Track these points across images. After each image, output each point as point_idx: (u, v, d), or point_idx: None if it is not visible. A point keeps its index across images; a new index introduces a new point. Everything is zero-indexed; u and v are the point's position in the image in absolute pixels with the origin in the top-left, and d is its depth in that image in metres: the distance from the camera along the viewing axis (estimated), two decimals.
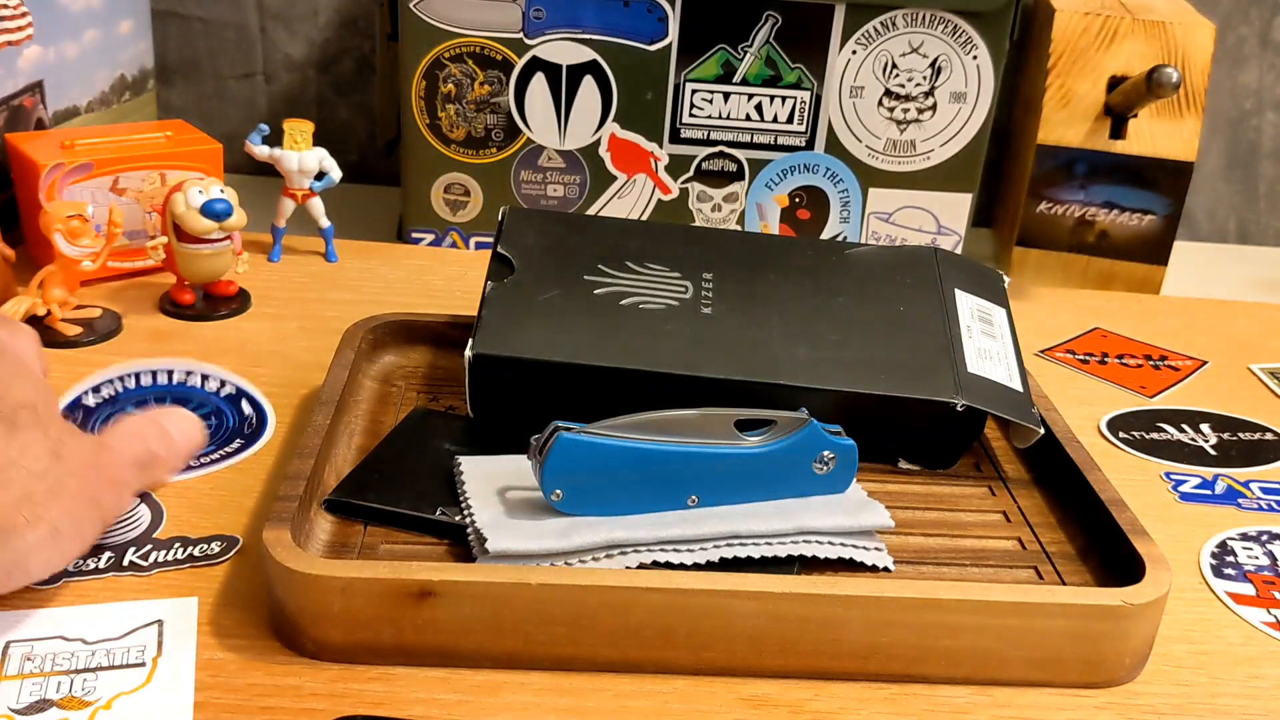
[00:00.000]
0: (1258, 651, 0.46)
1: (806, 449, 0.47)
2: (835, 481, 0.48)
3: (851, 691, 0.42)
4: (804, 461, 0.47)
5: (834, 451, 0.48)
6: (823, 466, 0.48)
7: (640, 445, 0.45)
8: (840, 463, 0.48)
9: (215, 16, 0.93)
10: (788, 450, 0.47)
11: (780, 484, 0.47)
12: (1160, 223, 0.84)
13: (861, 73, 0.79)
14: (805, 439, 0.47)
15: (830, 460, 0.48)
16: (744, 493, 0.47)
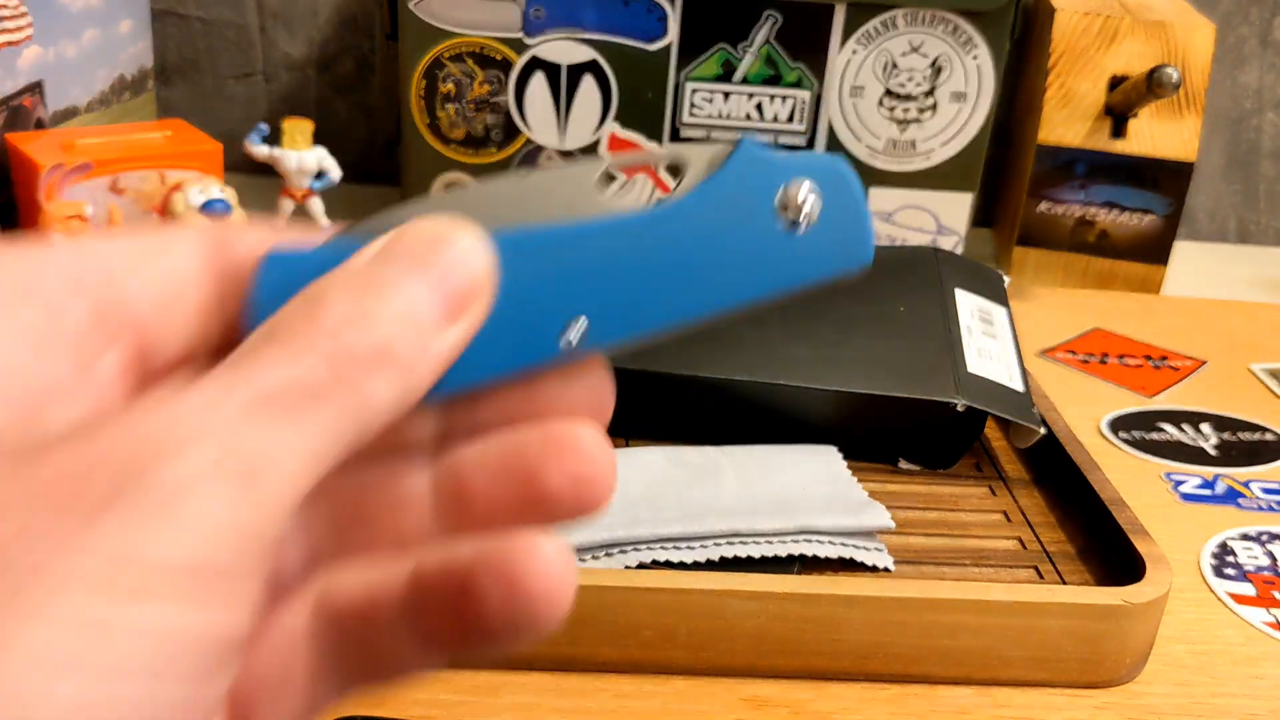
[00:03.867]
0: (1258, 651, 0.46)
1: (747, 193, 0.25)
2: (830, 237, 0.25)
3: (852, 691, 0.42)
4: (754, 218, 0.25)
5: (808, 178, 0.24)
6: (793, 214, 0.24)
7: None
8: (829, 200, 0.25)
9: (215, 16, 0.93)
10: (710, 203, 0.25)
11: (727, 268, 0.25)
12: (1160, 223, 0.84)
13: (862, 72, 0.79)
14: (737, 176, 0.25)
15: (806, 200, 0.24)
16: (665, 293, 0.25)
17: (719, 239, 0.25)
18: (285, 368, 0.19)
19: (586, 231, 0.25)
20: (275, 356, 0.19)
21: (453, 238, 0.22)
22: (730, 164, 0.25)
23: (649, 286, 0.25)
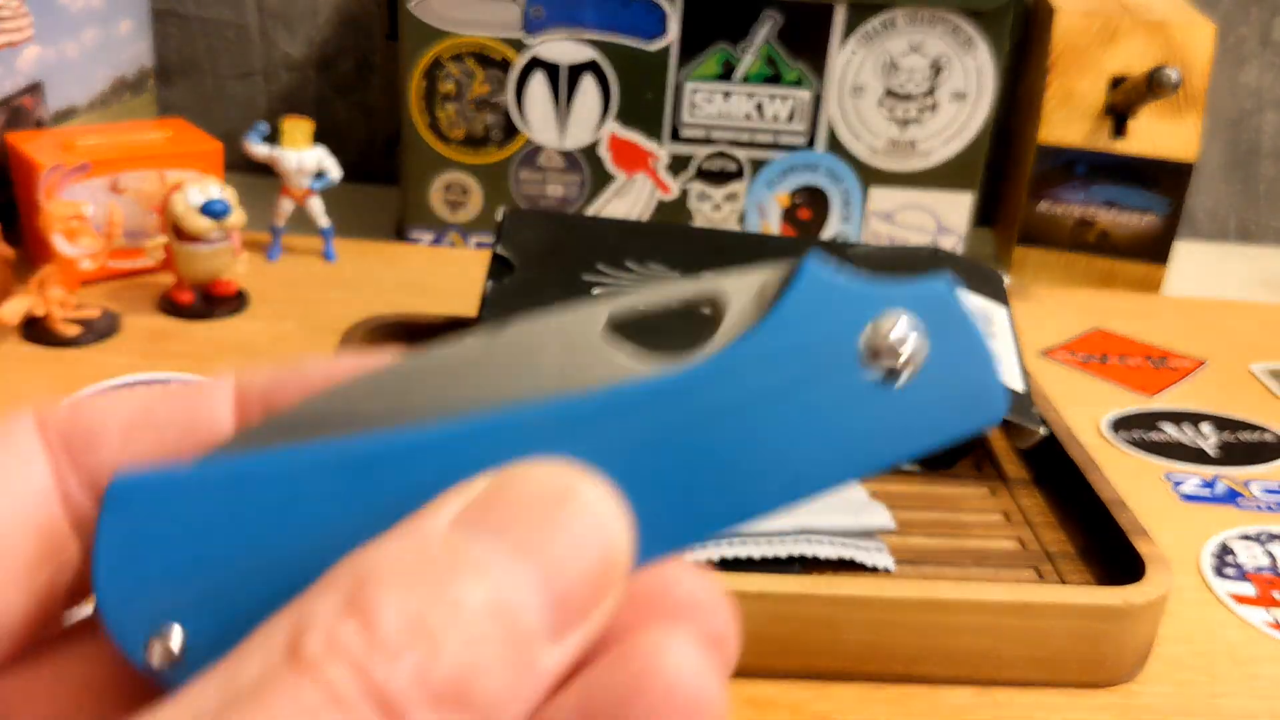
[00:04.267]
0: (1258, 651, 0.46)
1: (819, 335, 0.18)
2: (941, 388, 0.18)
3: (852, 692, 0.42)
4: (832, 370, 0.18)
5: (904, 308, 0.18)
6: (888, 360, 0.18)
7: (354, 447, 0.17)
8: (936, 336, 0.18)
9: (215, 16, 0.93)
10: (768, 351, 0.18)
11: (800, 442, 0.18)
12: (1160, 222, 0.83)
13: (862, 72, 0.79)
14: (803, 312, 0.18)
15: (904, 339, 0.18)
16: (712, 483, 0.18)
17: (784, 402, 0.18)
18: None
19: (596, 405, 0.17)
20: (257, 704, 0.13)
21: (579, 500, 0.15)
22: (791, 296, 0.18)
23: (689, 477, 0.17)
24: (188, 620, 0.17)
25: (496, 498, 0.15)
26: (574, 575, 0.15)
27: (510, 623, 0.14)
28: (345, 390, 0.17)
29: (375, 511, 0.16)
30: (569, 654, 0.15)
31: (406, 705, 0.13)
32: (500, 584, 0.14)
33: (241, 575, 0.16)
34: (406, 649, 0.13)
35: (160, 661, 0.16)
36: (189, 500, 0.17)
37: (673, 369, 0.18)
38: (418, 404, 0.17)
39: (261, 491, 0.17)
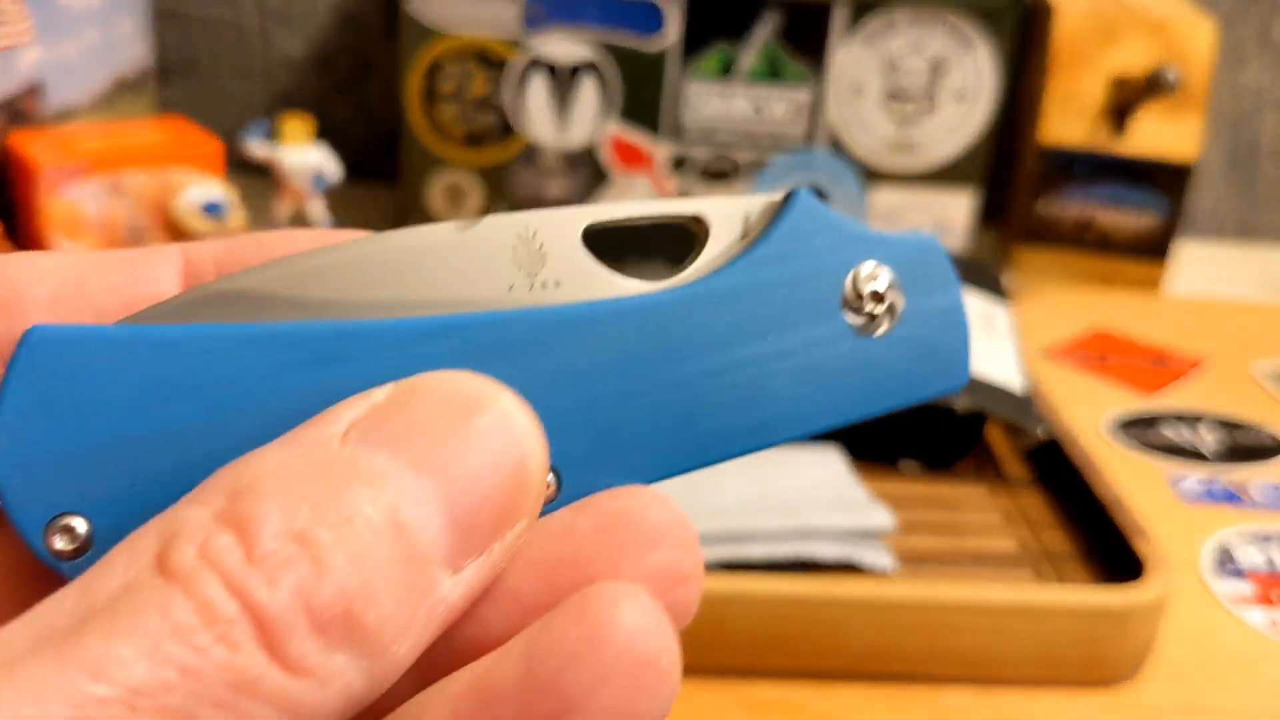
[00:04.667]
0: (1258, 651, 0.46)
1: (805, 269, 0.17)
2: (911, 346, 0.18)
3: (853, 692, 0.42)
4: (812, 308, 0.17)
5: (888, 262, 0.18)
6: (868, 308, 0.17)
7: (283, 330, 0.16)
8: (914, 293, 0.18)
9: (215, 16, 0.93)
10: (751, 279, 0.17)
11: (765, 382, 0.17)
12: (1161, 222, 0.84)
13: (862, 71, 0.79)
14: (792, 243, 0.17)
15: (886, 293, 0.18)
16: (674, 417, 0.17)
17: (760, 336, 0.17)
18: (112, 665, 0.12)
19: (560, 318, 0.16)
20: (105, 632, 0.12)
21: (489, 415, 0.14)
22: (782, 224, 0.17)
23: (651, 407, 0.16)
24: (96, 506, 0.15)
25: (398, 407, 0.14)
26: (478, 496, 0.13)
27: (406, 543, 0.13)
28: (295, 266, 0.16)
29: (303, 409, 0.15)
30: (469, 586, 0.14)
31: (287, 629, 0.12)
32: (396, 500, 0.13)
33: (157, 459, 0.15)
34: (288, 567, 0.12)
35: (62, 550, 0.15)
36: (114, 363, 0.15)
37: (648, 290, 0.17)
38: (372, 292, 0.16)
39: (193, 364, 0.15)
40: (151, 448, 0.15)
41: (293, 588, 0.12)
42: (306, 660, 0.12)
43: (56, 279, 0.16)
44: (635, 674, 0.13)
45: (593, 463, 0.16)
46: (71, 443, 0.15)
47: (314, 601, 0.12)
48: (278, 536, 0.12)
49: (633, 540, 0.15)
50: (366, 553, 0.13)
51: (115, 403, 0.15)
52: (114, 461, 0.15)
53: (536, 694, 0.13)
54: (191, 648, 0.12)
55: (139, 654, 0.12)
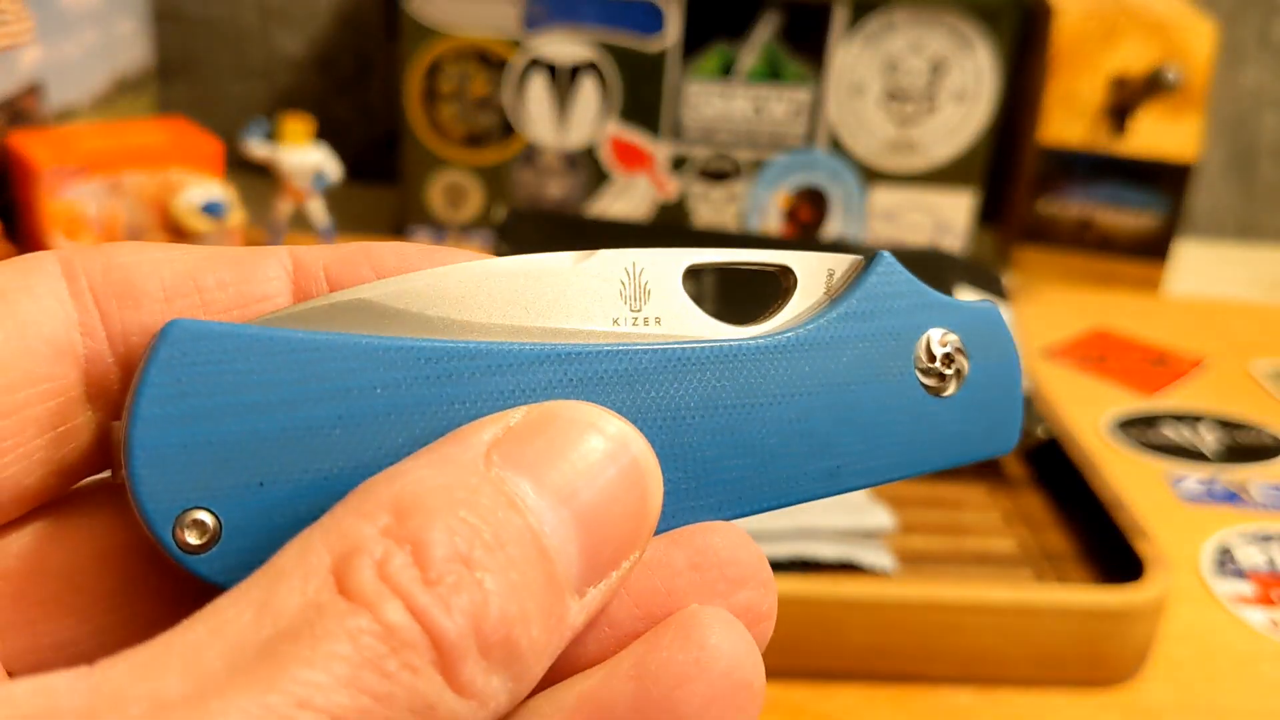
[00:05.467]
0: (1258, 651, 0.46)
1: (884, 329, 0.18)
2: (971, 409, 0.19)
3: (853, 692, 0.42)
4: (887, 367, 0.18)
5: (957, 329, 0.19)
6: (942, 371, 0.19)
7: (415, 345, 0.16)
8: (978, 359, 0.19)
9: (215, 16, 0.93)
10: (832, 335, 0.18)
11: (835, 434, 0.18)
12: (1161, 222, 0.84)
13: (862, 71, 0.79)
14: (873, 303, 0.18)
15: (955, 356, 0.19)
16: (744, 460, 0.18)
17: (837, 388, 0.18)
18: (317, 694, 0.12)
19: (658, 357, 0.17)
20: (305, 659, 0.12)
21: (620, 451, 0.15)
22: (865, 283, 0.18)
23: (729, 448, 0.17)
24: (225, 502, 0.15)
25: (535, 432, 0.14)
26: (607, 526, 0.14)
27: (549, 570, 0.14)
28: (418, 282, 0.17)
29: (428, 422, 0.15)
30: (590, 611, 0.14)
31: (462, 654, 0.13)
32: (540, 527, 0.14)
33: (287, 460, 0.15)
34: (460, 591, 0.13)
35: (191, 544, 0.15)
36: (251, 362, 0.15)
37: (741, 335, 0.18)
38: (490, 315, 0.17)
39: (328, 369, 0.15)
40: (282, 448, 0.15)
41: (466, 613, 0.13)
42: (474, 684, 0.13)
43: (169, 271, 0.16)
44: (736, 695, 0.15)
45: (683, 494, 0.17)
46: (205, 438, 0.15)
47: (482, 626, 0.13)
48: (449, 560, 0.13)
49: (722, 577, 0.16)
50: (520, 579, 0.13)
51: (250, 401, 0.15)
52: (246, 459, 0.15)
53: (650, 711, 0.14)
54: (382, 674, 0.12)
55: (338, 683, 0.12)
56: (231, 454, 0.15)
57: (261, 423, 0.15)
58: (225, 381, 0.15)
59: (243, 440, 0.15)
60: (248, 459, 0.15)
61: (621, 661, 0.15)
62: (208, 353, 0.15)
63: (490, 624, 0.13)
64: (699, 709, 0.14)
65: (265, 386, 0.15)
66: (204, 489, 0.15)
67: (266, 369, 0.15)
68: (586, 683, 0.15)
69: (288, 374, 0.15)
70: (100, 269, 0.16)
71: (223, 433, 0.15)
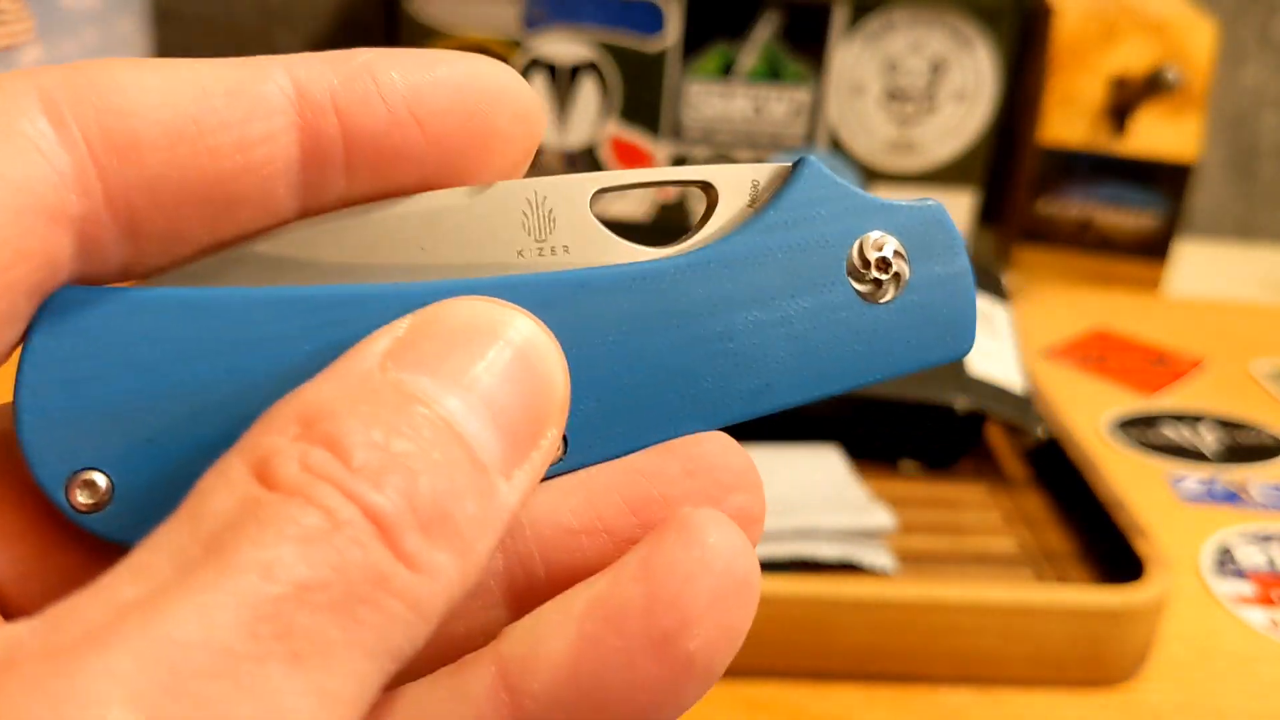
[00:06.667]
0: (1258, 651, 0.46)
1: (812, 236, 0.18)
2: (917, 314, 0.18)
3: (852, 693, 0.42)
4: (819, 275, 0.18)
5: (895, 231, 0.18)
6: (877, 277, 0.18)
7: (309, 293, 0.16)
8: (920, 262, 0.18)
9: (215, 16, 0.93)
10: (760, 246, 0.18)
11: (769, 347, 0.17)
12: (1161, 222, 0.84)
13: (862, 71, 0.79)
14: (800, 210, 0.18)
15: (893, 260, 0.18)
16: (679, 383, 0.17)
17: (766, 302, 0.17)
18: (277, 566, 0.12)
19: (569, 281, 0.16)
20: (254, 540, 0.12)
21: (510, 332, 0.15)
22: (790, 191, 0.17)
23: (657, 370, 0.17)
24: (116, 461, 0.15)
25: (423, 335, 0.15)
26: (515, 406, 0.14)
27: (469, 452, 0.14)
28: (311, 230, 0.16)
29: (319, 366, 0.15)
30: (522, 492, 0.15)
31: (402, 528, 0.13)
32: (450, 414, 0.14)
33: (177, 417, 0.15)
34: (387, 473, 0.13)
35: (83, 504, 0.15)
36: (135, 323, 0.15)
37: (656, 255, 0.17)
38: (385, 256, 0.16)
39: (213, 325, 0.15)
40: (171, 406, 0.15)
41: (398, 489, 0.13)
42: (420, 557, 0.13)
43: (170, 113, 0.15)
44: (738, 591, 0.16)
45: (600, 424, 0.17)
46: (92, 400, 0.15)
47: (416, 502, 0.13)
48: (368, 448, 0.13)
49: (716, 483, 0.17)
50: (443, 460, 0.13)
51: (136, 362, 0.15)
52: (134, 419, 0.15)
53: (660, 612, 0.15)
54: (333, 548, 0.12)
55: (295, 556, 0.12)
56: (120, 414, 0.15)
57: (148, 382, 0.15)
58: (110, 344, 0.15)
59: (130, 400, 0.15)
60: (137, 418, 0.15)
61: (626, 565, 0.15)
62: (92, 317, 0.15)
63: (423, 500, 0.13)
64: (706, 605, 0.15)
65: (151, 345, 0.15)
66: (93, 450, 0.15)
67: (152, 328, 0.15)
68: (593, 588, 0.15)
69: (173, 332, 0.15)
70: (92, 113, 0.14)
71: (110, 394, 0.15)
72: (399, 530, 0.13)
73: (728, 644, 0.15)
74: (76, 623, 0.12)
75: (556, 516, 0.16)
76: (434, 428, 0.14)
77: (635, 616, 0.15)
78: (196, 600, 0.12)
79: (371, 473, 0.13)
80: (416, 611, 0.13)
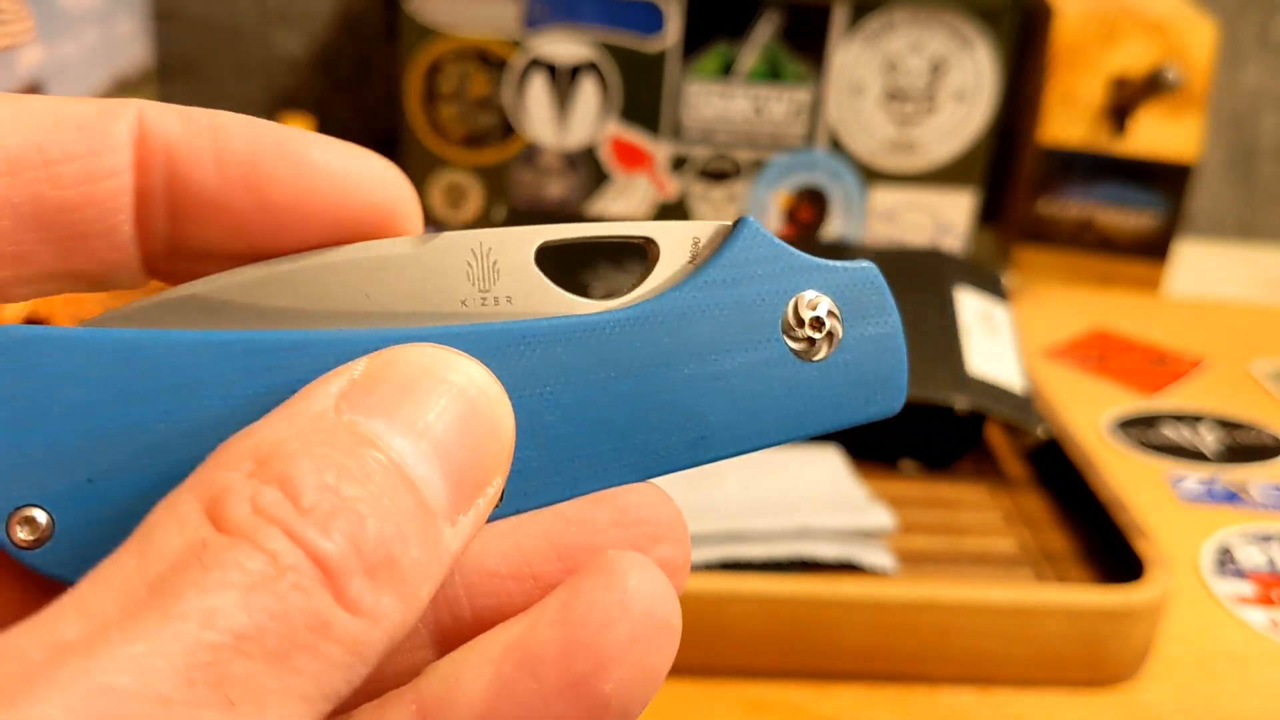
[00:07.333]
0: (1258, 651, 0.46)
1: (748, 296, 0.18)
2: (849, 372, 0.19)
3: (852, 692, 0.42)
4: (753, 334, 0.18)
5: (828, 292, 0.19)
6: (810, 335, 0.18)
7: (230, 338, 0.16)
8: (853, 322, 0.19)
9: (215, 16, 0.93)
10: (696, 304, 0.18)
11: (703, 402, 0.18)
12: (1161, 222, 0.84)
13: (862, 71, 0.79)
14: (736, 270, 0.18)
15: (826, 319, 0.18)
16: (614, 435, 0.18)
17: (702, 358, 0.18)
18: (218, 615, 0.12)
19: (505, 334, 0.17)
20: (197, 585, 0.12)
21: (463, 380, 0.15)
22: (729, 250, 0.18)
23: (595, 421, 0.17)
24: (56, 500, 0.15)
25: (378, 379, 0.15)
26: (464, 453, 0.15)
27: (417, 497, 0.14)
28: (255, 273, 0.17)
29: (261, 411, 0.15)
30: (465, 538, 0.15)
31: (346, 573, 0.13)
32: (401, 459, 0.14)
33: (117, 457, 0.16)
34: (335, 516, 0.13)
35: (23, 540, 0.15)
36: (75, 363, 0.15)
37: (596, 309, 0.18)
38: (328, 302, 0.17)
39: (153, 367, 0.16)
40: (111, 447, 0.16)
41: (345, 534, 0.13)
42: (363, 601, 0.13)
43: (14, 141, 0.15)
44: (657, 633, 0.15)
45: (537, 472, 0.17)
46: (32, 439, 0.15)
47: (362, 547, 0.13)
48: (318, 490, 0.13)
49: (644, 534, 0.17)
50: (391, 505, 0.14)
51: (76, 402, 0.15)
52: (73, 459, 0.15)
53: (577, 654, 0.15)
54: (275, 595, 0.13)
55: (236, 604, 0.12)
56: (60, 454, 0.15)
57: (89, 423, 0.15)
58: (51, 383, 0.15)
59: (70, 440, 0.15)
60: (76, 458, 0.15)
61: (545, 608, 0.15)
62: (33, 355, 0.15)
63: (369, 544, 0.13)
64: (623, 648, 0.15)
65: (90, 386, 0.15)
66: (33, 488, 0.15)
67: (92, 368, 0.15)
68: (512, 631, 0.15)
69: (113, 373, 0.15)
70: None
71: (49, 433, 0.15)
72: (343, 575, 0.13)
73: (646, 685, 0.15)
74: (14, 660, 0.12)
75: (484, 561, 0.17)
76: (385, 472, 0.14)
77: (551, 661, 0.15)
78: (135, 647, 0.12)
79: (320, 516, 0.13)
80: (356, 655, 0.13)
